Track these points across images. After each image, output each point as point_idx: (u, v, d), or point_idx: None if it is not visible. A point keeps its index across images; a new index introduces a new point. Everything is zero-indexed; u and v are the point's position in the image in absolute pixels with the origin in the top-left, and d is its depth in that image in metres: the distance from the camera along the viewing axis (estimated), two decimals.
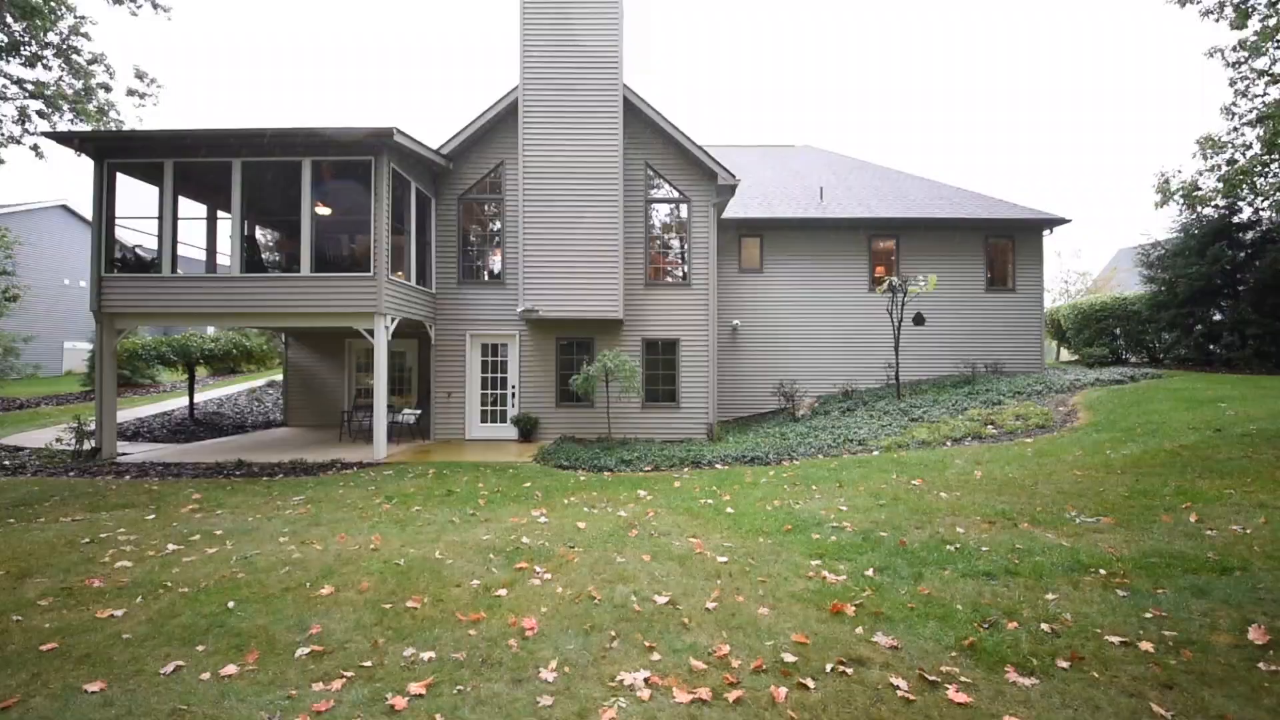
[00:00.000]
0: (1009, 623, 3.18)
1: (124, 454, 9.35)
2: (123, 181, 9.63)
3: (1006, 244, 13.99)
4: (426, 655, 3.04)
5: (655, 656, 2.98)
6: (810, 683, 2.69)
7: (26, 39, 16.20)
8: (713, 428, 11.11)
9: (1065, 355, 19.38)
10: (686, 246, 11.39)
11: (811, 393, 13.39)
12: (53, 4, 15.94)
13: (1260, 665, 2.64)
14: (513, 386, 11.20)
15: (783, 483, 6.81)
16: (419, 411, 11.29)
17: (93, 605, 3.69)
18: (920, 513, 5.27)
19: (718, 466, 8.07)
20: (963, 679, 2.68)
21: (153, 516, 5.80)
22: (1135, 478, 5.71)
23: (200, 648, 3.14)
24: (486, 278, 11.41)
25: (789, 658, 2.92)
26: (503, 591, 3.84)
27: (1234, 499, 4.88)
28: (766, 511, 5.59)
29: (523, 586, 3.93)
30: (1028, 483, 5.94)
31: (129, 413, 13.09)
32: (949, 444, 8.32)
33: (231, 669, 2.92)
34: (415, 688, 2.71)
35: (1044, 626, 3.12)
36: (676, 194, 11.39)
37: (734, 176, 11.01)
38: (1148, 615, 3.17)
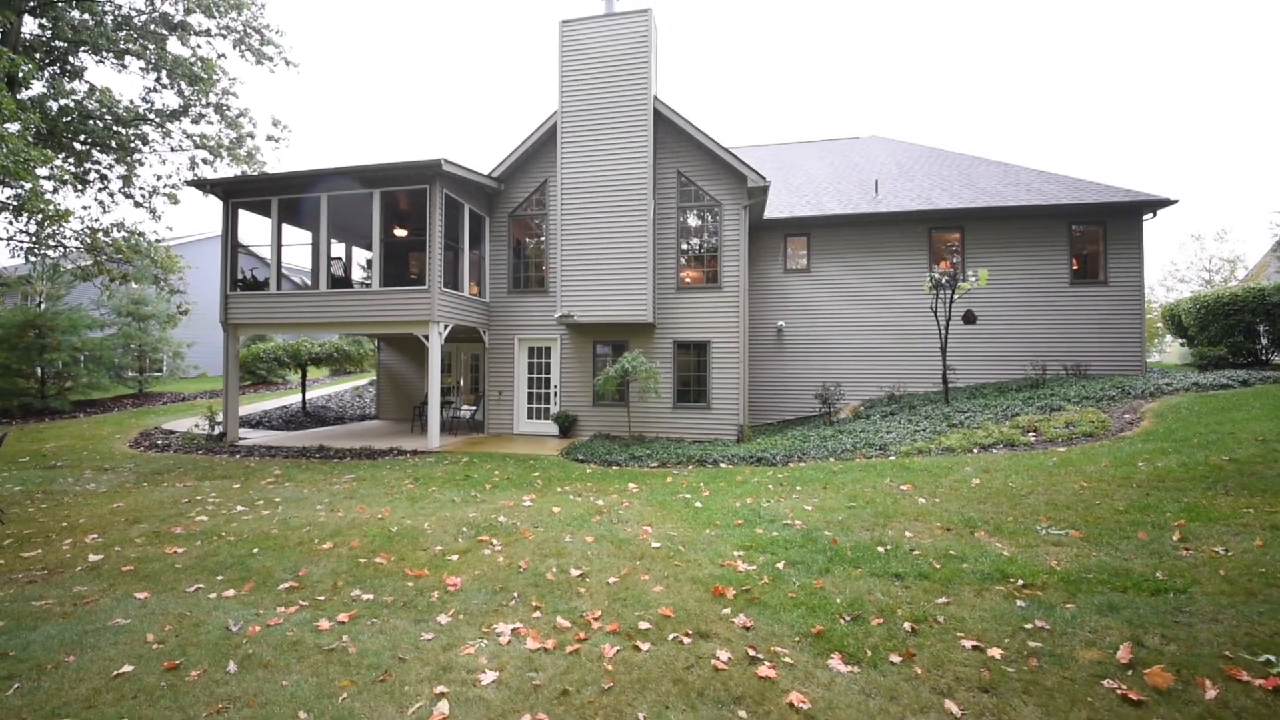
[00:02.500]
0: (875, 619, 3.28)
1: (243, 439, 11.48)
2: (245, 217, 11.83)
3: (1096, 231, 12.52)
4: (367, 596, 3.80)
5: (535, 614, 3.49)
6: (645, 646, 3.05)
7: (193, 101, 20.11)
8: (743, 429, 11.19)
9: (1185, 356, 16.65)
10: (718, 250, 11.59)
11: (859, 396, 12.94)
12: (211, 72, 19.65)
13: (1103, 682, 2.57)
14: (555, 386, 12.10)
15: (770, 482, 6.91)
16: (475, 408, 12.55)
17: (166, 545, 4.92)
18: (883, 516, 5.22)
19: (722, 465, 8.27)
20: (784, 660, 2.90)
21: (238, 486, 7.29)
22: (1146, 492, 5.16)
23: (219, 577, 4.16)
24: (533, 286, 12.41)
25: (644, 625, 3.29)
26: (454, 557, 4.53)
27: (1247, 519, 4.32)
28: (732, 508, 5.81)
29: (473, 555, 4.59)
30: (1023, 492, 5.58)
31: (257, 406, 15.84)
32: (975, 451, 7.81)
33: (230, 593, 3.88)
34: (342, 617, 3.46)
35: (907, 625, 3.19)
36: (707, 199, 11.63)
37: (764, 179, 11.03)
38: (1028, 626, 3.11)
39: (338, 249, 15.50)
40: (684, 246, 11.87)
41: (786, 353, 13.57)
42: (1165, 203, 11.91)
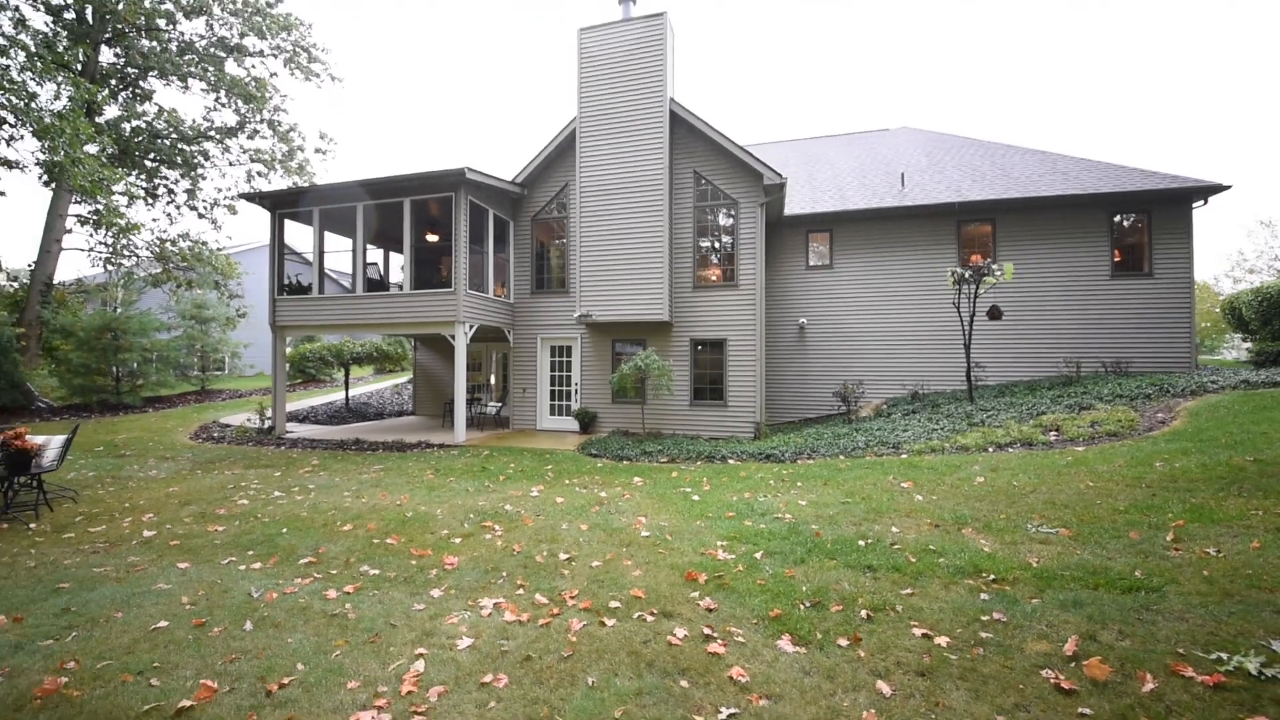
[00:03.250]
0: (835, 606, 3.41)
1: (289, 432, 12.34)
2: (292, 226, 12.70)
3: (1139, 220, 11.89)
4: (373, 571, 4.19)
5: (519, 592, 3.78)
6: (611, 622, 3.29)
7: (248, 118, 21.55)
8: (760, 426, 11.24)
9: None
10: (734, 248, 11.65)
11: (882, 394, 12.74)
12: (264, 91, 21.02)
13: (1042, 672, 2.63)
14: (575, 384, 12.45)
15: (772, 478, 7.01)
16: (501, 404, 13.06)
17: (210, 524, 5.49)
18: (874, 512, 5.27)
19: (730, 461, 8.39)
20: (737, 639, 3.07)
21: (279, 474, 7.93)
22: (1154, 492, 5.00)
23: (250, 552, 4.65)
24: (555, 287, 12.80)
25: (614, 604, 3.52)
26: (457, 540, 4.89)
27: (1252, 521, 4.17)
28: (728, 501, 5.96)
29: (475, 539, 4.94)
30: (1024, 491, 5.49)
31: (305, 402, 16.91)
32: (991, 450, 7.65)
33: (257, 565, 4.35)
34: (349, 588, 3.85)
35: (864, 613, 3.30)
36: (724, 198, 11.71)
37: (780, 176, 11.03)
38: (984, 618, 3.17)
39: (375, 254, 16.36)
40: (701, 245, 11.98)
41: (808, 350, 13.49)
42: (1216, 189, 11.21)
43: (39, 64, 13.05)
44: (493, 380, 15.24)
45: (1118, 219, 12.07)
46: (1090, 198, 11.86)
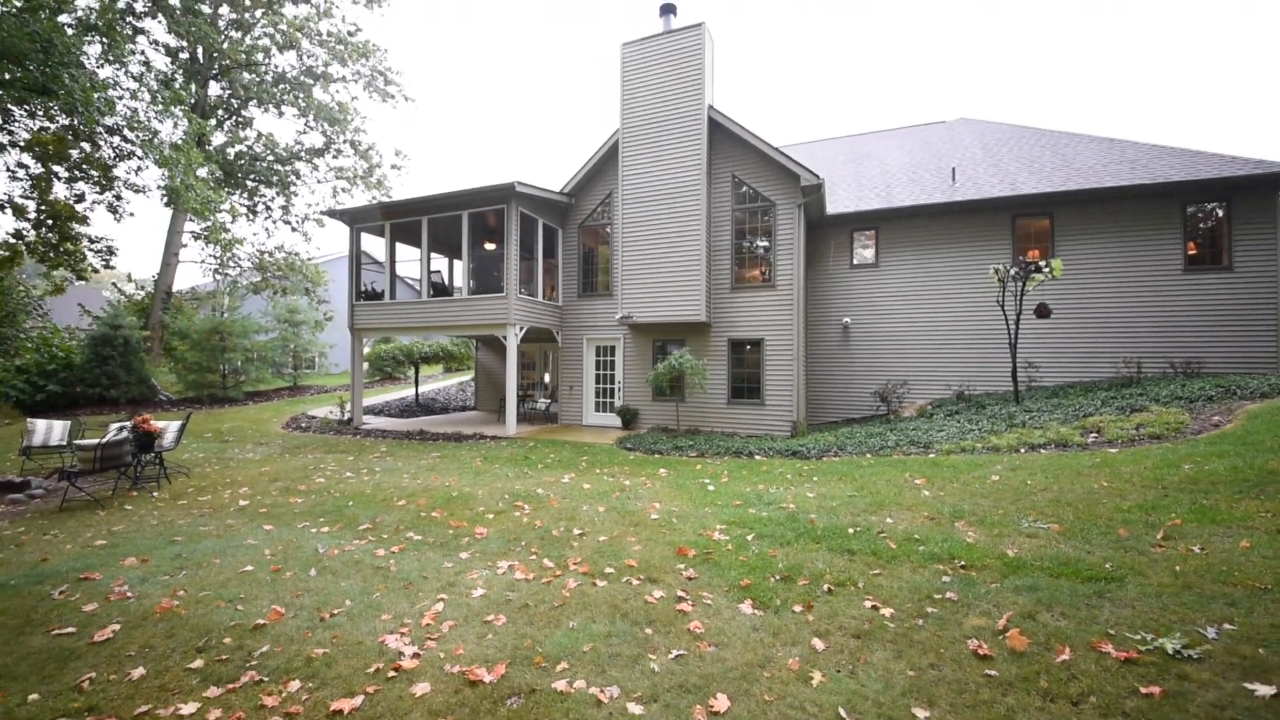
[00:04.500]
0: (802, 580, 3.76)
1: (365, 423, 13.76)
2: (368, 238, 14.13)
3: (1218, 210, 11.01)
4: (416, 537, 4.94)
5: (532, 557, 4.39)
6: (601, 583, 3.82)
7: (333, 139, 23.81)
8: (796, 425, 11.38)
9: None
10: (772, 249, 11.84)
11: (927, 395, 12.49)
12: (346, 114, 23.17)
13: (969, 641, 2.90)
14: (618, 382, 13.07)
15: (790, 472, 7.28)
16: (550, 400, 13.91)
17: (292, 496, 6.52)
18: (876, 505, 5.48)
19: (756, 457, 8.69)
20: (705, 601, 3.52)
21: (351, 458, 9.06)
22: (1165, 493, 4.91)
23: (321, 519, 5.56)
24: (600, 290, 13.48)
25: (609, 569, 4.05)
26: (490, 515, 5.59)
27: (1255, 522, 4.08)
28: (741, 492, 6.33)
29: (506, 515, 5.62)
30: (1034, 490, 5.50)
31: (380, 397, 18.59)
32: (1022, 450, 7.51)
33: (325, 529, 5.23)
34: (395, 549, 4.61)
35: (826, 587, 3.64)
36: (761, 200, 11.93)
37: (816, 176, 11.12)
38: (937, 596, 3.44)
39: (441, 262, 17.74)
40: (739, 247, 12.25)
41: (852, 350, 13.41)
42: None
43: (160, 103, 15.27)
44: (546, 378, 16.16)
45: (1192, 209, 11.22)
46: (1161, 187, 11.10)
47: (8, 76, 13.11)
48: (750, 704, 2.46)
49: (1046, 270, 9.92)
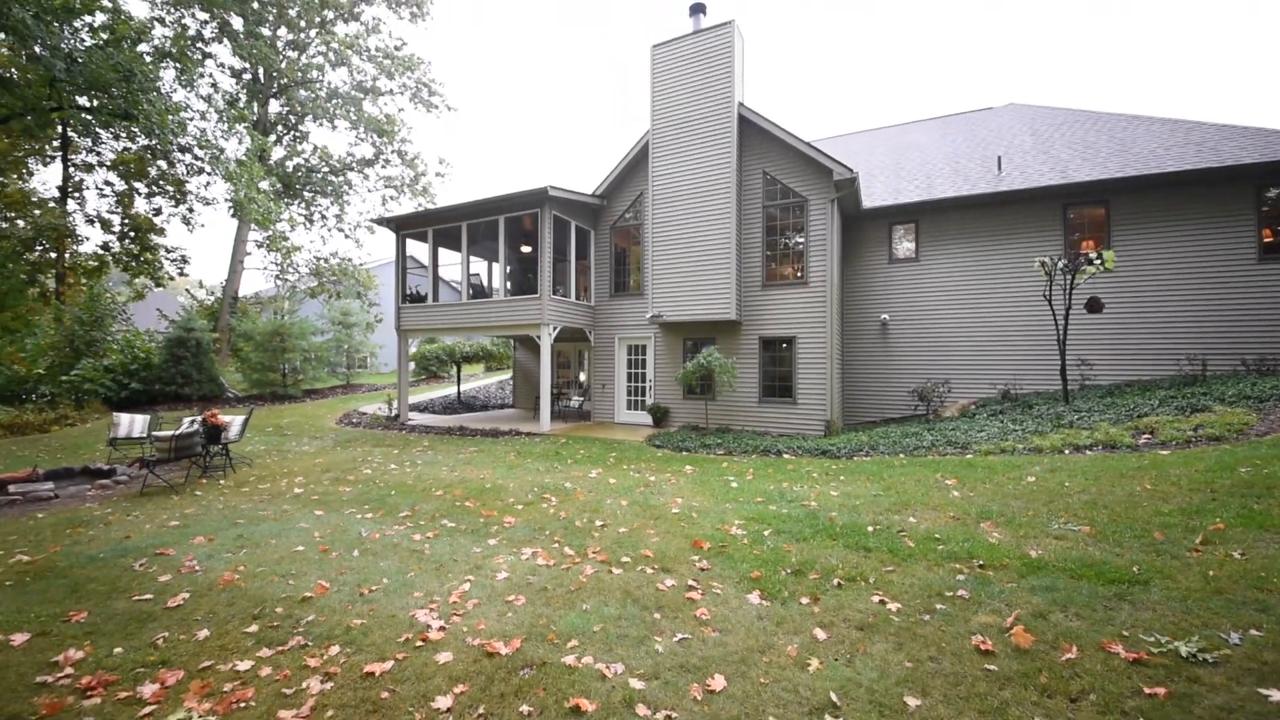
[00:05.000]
0: (813, 574, 3.82)
1: (410, 420, 14.45)
2: (413, 244, 14.84)
3: None
4: (450, 524, 5.26)
5: (554, 546, 4.61)
6: (617, 571, 3.99)
7: (381, 149, 24.97)
8: (830, 424, 11.24)
9: None
10: (804, 245, 11.72)
11: (971, 394, 12.08)
12: (393, 125, 24.25)
13: (973, 637, 2.91)
14: (649, 381, 13.24)
15: (817, 471, 7.25)
16: (583, 398, 14.22)
17: (341, 485, 7.00)
18: (901, 504, 5.43)
19: (784, 456, 8.67)
20: (714, 590, 3.64)
21: (396, 451, 9.59)
22: (1214, 496, 4.65)
23: (365, 506, 5.97)
24: (631, 290, 13.67)
25: (625, 559, 4.22)
26: (519, 506, 5.86)
27: None
28: (764, 490, 6.37)
29: (534, 507, 5.88)
30: (1070, 492, 5.32)
31: (425, 395, 19.42)
32: (1067, 451, 7.21)
33: (369, 515, 5.62)
34: (430, 534, 4.93)
35: (836, 581, 3.69)
36: (793, 196, 11.82)
37: (850, 171, 10.94)
38: (947, 594, 3.43)
39: (480, 265, 18.37)
40: (770, 243, 12.18)
41: (891, 348, 13.11)
42: None
43: (226, 121, 16.48)
44: (582, 377, 16.51)
45: (1272, 192, 10.40)
46: (1232, 170, 10.35)
47: (96, 103, 14.47)
48: (745, 685, 2.58)
49: (1098, 262, 9.44)
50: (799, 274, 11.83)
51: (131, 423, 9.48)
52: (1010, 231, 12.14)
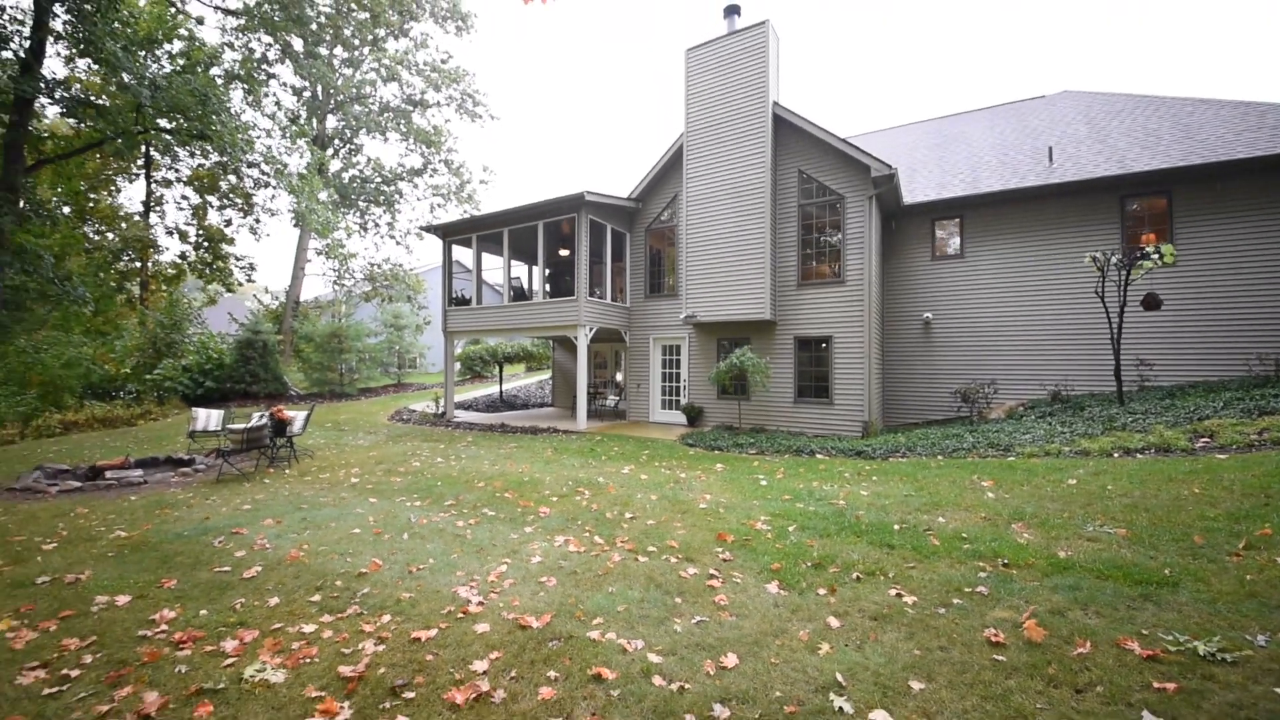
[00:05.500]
0: (833, 568, 3.92)
1: (456, 417, 15.11)
2: (459, 250, 15.53)
3: None
4: (490, 513, 5.61)
5: (585, 534, 4.86)
6: (643, 559, 4.21)
7: (430, 159, 26.07)
8: (869, 425, 11.09)
9: None
10: (841, 243, 11.60)
11: (1019, 396, 11.66)
12: (440, 136, 25.29)
13: (986, 630, 2.96)
14: (683, 380, 13.39)
15: (849, 471, 7.24)
16: (619, 398, 14.50)
17: (392, 476, 7.51)
18: (932, 505, 5.41)
19: (817, 456, 8.66)
20: (734, 580, 3.80)
21: (443, 446, 10.12)
22: (1266, 501, 4.43)
23: (414, 495, 6.41)
24: (665, 291, 13.86)
25: (651, 548, 4.43)
26: (554, 499, 6.16)
27: None
28: (794, 488, 6.44)
29: (567, 499, 6.16)
30: (1112, 495, 5.16)
31: (470, 394, 20.20)
32: (1116, 454, 6.93)
33: (418, 503, 6.05)
34: (472, 520, 5.29)
35: (855, 575, 3.78)
36: (829, 194, 11.73)
37: (888, 167, 10.78)
38: (966, 589, 3.48)
39: (521, 269, 18.95)
40: (806, 242, 12.11)
41: (935, 348, 12.79)
42: None
43: (288, 137, 17.68)
44: (619, 377, 16.82)
45: None
46: None
47: (175, 125, 15.81)
48: (756, 664, 2.74)
49: (1156, 257, 8.99)
50: (836, 273, 11.72)
51: (208, 417, 10.38)
52: (1062, 226, 11.65)
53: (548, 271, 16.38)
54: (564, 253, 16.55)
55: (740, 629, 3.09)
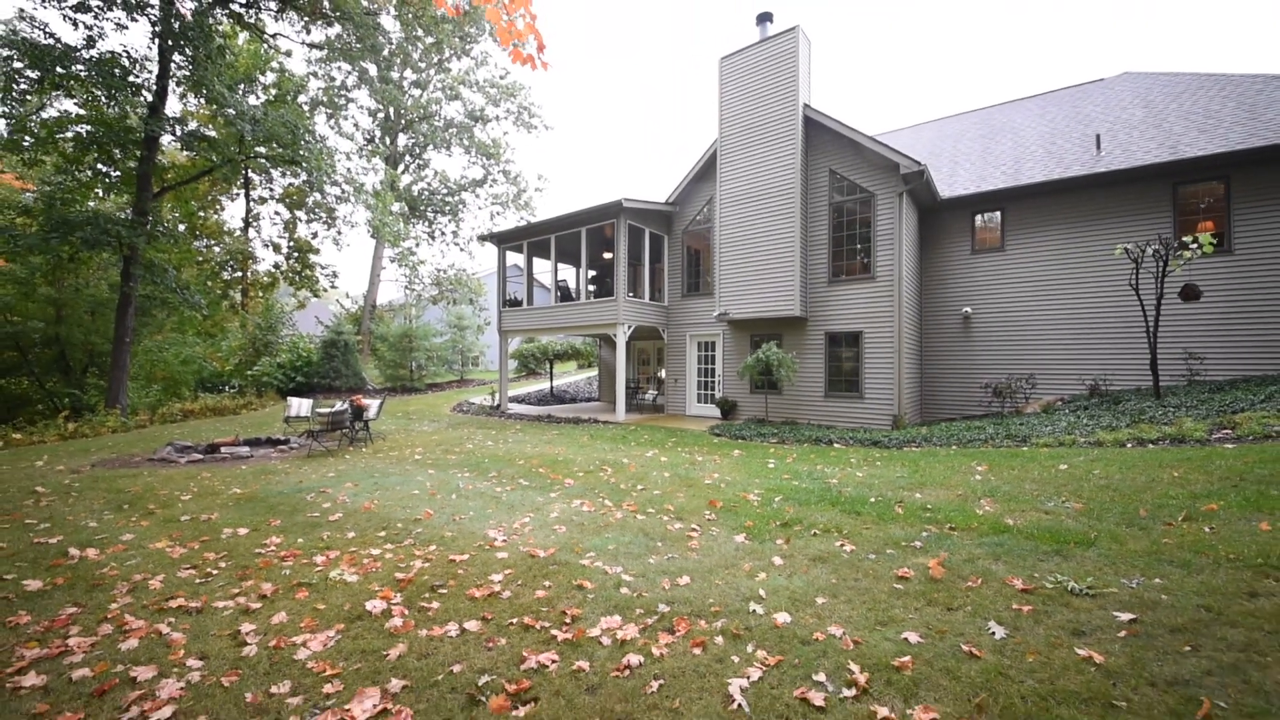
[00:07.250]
0: (797, 526, 4.58)
1: (509, 409, 16.47)
2: (510, 255, 16.88)
3: None
4: (524, 482, 6.61)
5: (599, 498, 5.74)
6: (640, 518, 5.03)
7: (489, 170, 27.89)
8: (898, 419, 11.32)
9: None
10: (871, 240, 11.86)
11: (1057, 390, 11.49)
12: (499, 148, 27.02)
13: (896, 571, 3.58)
14: (718, 375, 14.01)
15: (855, 456, 7.71)
16: (657, 392, 15.32)
17: (449, 454, 8.72)
18: (917, 484, 5.88)
19: (835, 445, 9.11)
20: (710, 532, 4.54)
21: (494, 432, 11.34)
22: (1235, 484, 4.63)
23: (465, 469, 7.54)
24: (701, 290, 14.53)
25: (650, 510, 5.24)
26: (580, 474, 7.08)
27: None
28: (797, 470, 7.03)
29: (592, 475, 7.07)
30: (1092, 478, 5.44)
31: (523, 389, 21.67)
32: (1129, 445, 7.00)
33: (466, 474, 7.16)
34: (509, 487, 6.31)
35: (814, 532, 4.43)
36: (860, 191, 11.99)
37: (917, 164, 10.96)
38: (903, 544, 4.06)
39: (568, 271, 20.16)
40: (836, 239, 12.43)
41: (973, 342, 12.75)
42: None
43: (364, 156, 19.71)
44: (663, 374, 17.65)
45: None
46: None
47: (270, 152, 18.11)
48: (703, 584, 3.50)
49: (1195, 247, 8.77)
50: (866, 269, 11.98)
51: (299, 405, 12.13)
52: (1108, 216, 11.36)
53: (592, 273, 17.44)
54: (607, 256, 17.55)
55: (701, 564, 3.86)
